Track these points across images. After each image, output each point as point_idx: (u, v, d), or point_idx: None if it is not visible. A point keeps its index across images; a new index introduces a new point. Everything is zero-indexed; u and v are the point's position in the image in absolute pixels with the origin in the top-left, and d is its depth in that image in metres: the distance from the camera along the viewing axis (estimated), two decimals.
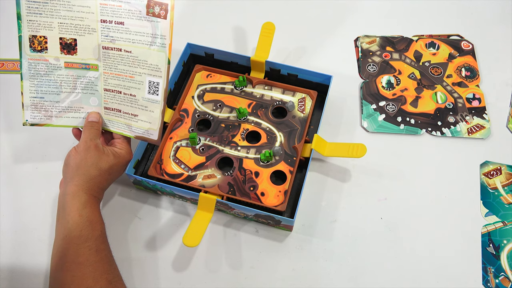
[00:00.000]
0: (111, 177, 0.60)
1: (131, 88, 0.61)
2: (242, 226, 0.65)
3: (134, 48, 0.59)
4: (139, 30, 0.59)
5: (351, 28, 0.83)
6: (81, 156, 0.58)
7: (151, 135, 0.63)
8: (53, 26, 0.59)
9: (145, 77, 0.60)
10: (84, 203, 0.55)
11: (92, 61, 0.61)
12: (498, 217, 0.65)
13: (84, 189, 0.56)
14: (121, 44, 0.59)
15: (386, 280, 0.61)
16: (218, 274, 0.61)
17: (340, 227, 0.65)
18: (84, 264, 0.52)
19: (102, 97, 0.62)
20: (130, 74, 0.60)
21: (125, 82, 0.61)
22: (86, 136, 0.60)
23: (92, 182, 0.57)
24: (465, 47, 0.81)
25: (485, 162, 0.70)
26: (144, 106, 0.61)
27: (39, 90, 0.61)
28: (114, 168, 0.60)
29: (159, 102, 0.61)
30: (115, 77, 0.61)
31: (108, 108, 0.62)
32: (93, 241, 0.54)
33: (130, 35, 0.59)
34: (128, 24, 0.59)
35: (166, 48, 0.59)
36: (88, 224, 0.54)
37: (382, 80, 0.77)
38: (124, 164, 0.62)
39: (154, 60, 0.60)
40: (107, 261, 0.55)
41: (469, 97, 0.75)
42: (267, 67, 0.72)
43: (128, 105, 0.62)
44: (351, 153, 0.64)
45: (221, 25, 0.84)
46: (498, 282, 0.61)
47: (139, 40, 0.59)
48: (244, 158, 0.65)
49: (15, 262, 0.62)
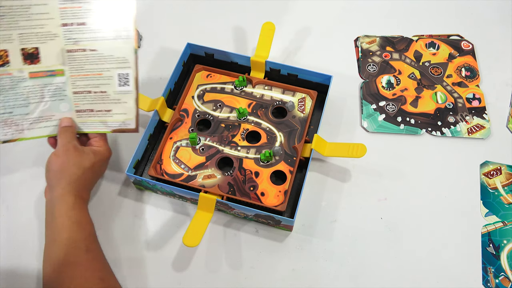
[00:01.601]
0: (94, 175, 0.61)
1: (101, 85, 0.61)
2: (242, 226, 0.65)
3: (99, 45, 0.59)
4: (101, 27, 0.58)
5: (351, 28, 0.83)
6: (62, 159, 0.58)
7: (128, 125, 0.63)
8: (13, 38, 0.58)
9: (114, 71, 0.60)
10: (72, 205, 0.56)
11: (58, 67, 0.60)
12: (498, 217, 0.65)
13: (70, 191, 0.56)
14: (85, 44, 0.59)
15: (386, 280, 0.61)
16: (218, 274, 0.61)
17: (340, 227, 0.65)
18: (75, 265, 0.53)
19: (72, 101, 0.61)
20: (98, 72, 0.60)
21: (93, 80, 0.60)
22: (63, 140, 0.60)
23: (78, 183, 0.57)
24: (465, 47, 0.81)
25: (485, 162, 0.70)
26: (116, 100, 0.61)
27: (7, 106, 0.60)
28: (96, 165, 0.60)
29: (132, 92, 0.61)
30: (83, 78, 0.60)
31: (80, 110, 0.62)
32: (83, 241, 0.54)
33: (93, 34, 0.59)
34: (90, 23, 0.58)
35: (131, 39, 0.59)
36: (76, 226, 0.55)
37: (382, 80, 0.77)
38: (105, 160, 0.62)
39: (121, 53, 0.59)
40: (98, 260, 0.55)
41: (469, 97, 0.75)
42: (267, 67, 0.72)
43: (100, 103, 0.61)
44: (351, 153, 0.64)
45: (221, 25, 0.84)
46: (498, 282, 0.61)
47: (103, 36, 0.59)
48: (244, 158, 0.65)
49: (7, 263, 0.62)
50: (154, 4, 0.86)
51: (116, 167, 0.69)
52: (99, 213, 0.65)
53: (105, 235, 0.64)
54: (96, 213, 0.65)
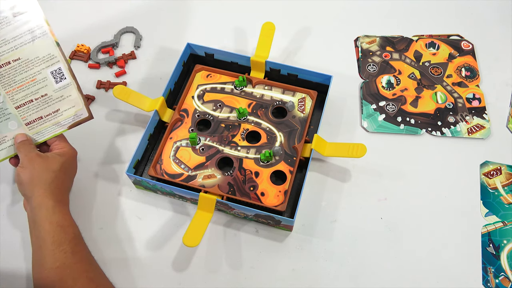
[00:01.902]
0: (66, 176, 0.61)
1: (39, 90, 0.60)
2: (242, 226, 0.65)
3: (20, 52, 0.58)
4: (14, 34, 0.58)
5: (351, 28, 0.83)
6: (29, 169, 0.57)
7: (81, 115, 0.63)
8: None
9: (45, 71, 0.60)
10: (52, 210, 0.56)
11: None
12: (498, 217, 0.65)
13: (48, 196, 0.56)
14: (6, 57, 0.58)
15: (386, 280, 0.61)
16: (218, 274, 0.61)
17: (340, 227, 0.65)
18: (62, 268, 0.53)
19: (19, 116, 0.60)
20: (31, 78, 0.60)
21: (30, 88, 0.60)
22: (24, 152, 0.59)
23: (53, 186, 0.57)
24: (465, 47, 0.81)
25: (485, 162, 0.70)
26: (60, 97, 0.61)
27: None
28: (65, 166, 0.60)
29: (70, 83, 0.61)
30: (19, 90, 0.60)
31: (29, 122, 0.61)
32: (67, 244, 0.54)
33: (10, 44, 0.58)
34: (2, 34, 0.57)
35: (47, 34, 0.59)
36: (59, 230, 0.55)
37: (382, 80, 0.77)
38: (72, 159, 0.62)
39: (44, 51, 0.59)
40: (86, 261, 0.55)
41: (469, 97, 0.75)
42: (267, 67, 0.72)
43: (46, 107, 0.61)
44: (351, 153, 0.64)
45: (221, 25, 0.84)
46: (498, 282, 0.61)
47: (20, 43, 0.58)
48: (244, 158, 0.65)
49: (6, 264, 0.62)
50: (154, 4, 0.86)
51: (116, 167, 0.69)
52: (99, 213, 0.65)
53: (105, 235, 0.64)
54: (96, 213, 0.65)
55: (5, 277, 0.61)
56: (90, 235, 0.63)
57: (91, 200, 0.66)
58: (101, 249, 0.62)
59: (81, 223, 0.62)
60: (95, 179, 0.68)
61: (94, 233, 0.64)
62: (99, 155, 0.70)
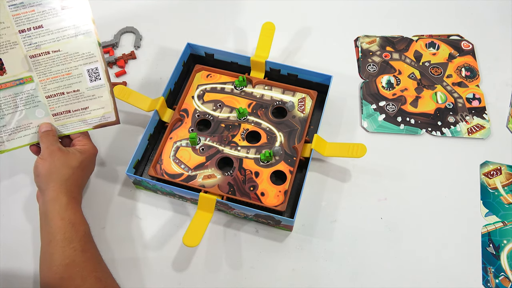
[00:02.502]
0: (84, 173, 0.61)
1: (73, 85, 0.60)
2: (242, 226, 0.65)
3: (61, 45, 0.59)
4: (59, 26, 0.58)
5: (351, 28, 0.83)
6: (48, 162, 0.57)
7: (108, 118, 0.63)
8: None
9: (82, 68, 0.60)
10: (65, 206, 0.56)
11: (25, 74, 0.59)
12: (498, 217, 0.65)
13: (63, 192, 0.56)
14: (47, 46, 0.58)
15: (386, 280, 0.61)
16: (218, 274, 0.61)
17: (340, 227, 0.65)
18: (71, 265, 0.53)
19: (47, 106, 0.61)
20: (67, 72, 0.60)
21: (64, 81, 0.60)
22: (46, 144, 0.59)
23: (69, 183, 0.57)
24: (465, 47, 0.81)
25: (485, 162, 0.70)
26: (91, 96, 0.61)
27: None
28: (84, 163, 0.60)
29: (104, 85, 0.61)
30: (52, 81, 0.60)
31: (57, 113, 0.61)
32: (78, 242, 0.54)
33: (53, 35, 0.58)
34: (47, 24, 0.58)
35: (92, 32, 0.59)
36: (71, 227, 0.55)
37: (382, 80, 0.77)
38: (92, 158, 0.62)
39: (85, 49, 0.59)
40: (95, 260, 0.55)
41: (469, 97, 0.75)
42: (267, 67, 0.72)
43: (75, 102, 0.61)
44: (351, 153, 0.64)
45: (221, 25, 0.84)
46: (498, 282, 0.61)
47: (63, 36, 0.58)
48: (244, 158, 0.65)
49: (6, 264, 0.62)
50: (154, 4, 0.86)
51: (116, 167, 0.69)
52: (99, 213, 0.65)
53: (105, 235, 0.64)
54: (96, 213, 0.65)
55: (5, 277, 0.61)
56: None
57: (91, 200, 0.66)
58: (101, 249, 0.62)
59: None
60: (95, 179, 0.68)
61: (94, 233, 0.63)
62: (99, 155, 0.70)
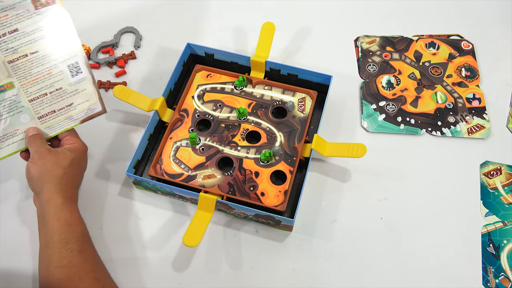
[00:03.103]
0: (77, 171, 0.61)
1: (55, 83, 0.60)
2: (242, 226, 0.65)
3: (38, 46, 0.58)
4: (35, 27, 0.57)
5: (351, 28, 0.83)
6: (39, 165, 0.57)
7: (94, 109, 0.63)
8: None
9: (62, 65, 0.59)
10: (61, 207, 0.56)
11: (4, 81, 0.58)
12: (498, 217, 0.65)
13: (57, 192, 0.56)
14: (24, 49, 0.58)
15: (386, 280, 0.61)
16: (218, 274, 0.61)
17: (340, 227, 0.65)
18: (68, 266, 0.53)
19: (31, 109, 0.60)
20: (47, 71, 0.59)
21: (45, 82, 0.60)
22: (34, 147, 0.59)
23: (63, 182, 0.57)
24: (465, 47, 0.81)
25: (485, 162, 0.70)
26: (74, 91, 0.61)
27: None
28: (75, 162, 0.60)
29: (87, 77, 0.61)
30: (34, 83, 0.59)
31: (42, 116, 0.61)
32: (74, 242, 0.54)
33: (29, 37, 0.58)
34: (22, 27, 0.57)
35: (68, 26, 0.59)
36: (67, 228, 0.55)
37: (382, 80, 0.77)
38: (83, 155, 0.62)
39: (63, 44, 0.59)
40: (92, 261, 0.55)
41: (469, 97, 0.75)
42: (267, 67, 0.72)
43: (60, 101, 0.61)
44: (351, 153, 0.64)
45: (221, 25, 0.84)
46: (498, 282, 0.61)
47: (40, 36, 0.58)
48: (244, 158, 0.65)
49: (5, 264, 0.62)
50: (154, 4, 0.86)
51: (116, 167, 0.69)
52: (99, 213, 0.65)
53: (105, 235, 0.64)
54: (96, 213, 0.65)
55: (5, 277, 0.61)
56: (90, 235, 0.63)
57: (91, 200, 0.66)
58: (100, 249, 0.62)
59: None
60: (95, 179, 0.68)
61: (94, 233, 0.63)
62: (99, 155, 0.70)
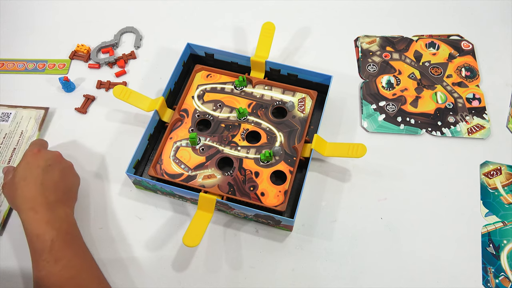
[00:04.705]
0: (47, 176, 0.59)
1: None
2: (242, 226, 0.65)
3: None
4: None
5: (351, 28, 0.83)
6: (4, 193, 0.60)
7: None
8: None
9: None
10: (23, 221, 0.56)
11: None
12: (498, 217, 0.65)
13: (25, 207, 0.56)
14: None
15: (386, 280, 0.61)
16: (218, 274, 0.61)
17: (340, 227, 0.65)
18: (48, 276, 0.53)
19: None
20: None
21: None
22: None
23: (28, 195, 0.57)
24: (465, 47, 0.81)
25: (485, 162, 0.70)
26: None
27: None
28: (21, 174, 0.59)
29: None
30: None
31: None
32: (48, 253, 0.53)
33: None
34: None
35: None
36: (35, 239, 0.54)
37: (382, 80, 0.77)
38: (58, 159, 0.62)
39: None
40: (71, 266, 0.54)
41: (469, 97, 0.75)
42: (267, 67, 0.72)
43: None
44: (351, 153, 0.64)
45: (221, 25, 0.84)
46: (498, 282, 0.61)
47: None
48: (244, 158, 0.65)
49: (5, 264, 0.62)
50: (154, 4, 0.86)
51: (116, 167, 0.69)
52: (99, 213, 0.65)
53: (105, 235, 0.64)
54: (96, 213, 0.65)
55: (5, 277, 0.61)
56: (90, 235, 0.63)
57: (91, 200, 0.66)
58: (100, 249, 0.62)
59: (80, 223, 0.62)
60: (95, 179, 0.68)
61: (93, 233, 0.64)
62: (99, 155, 0.70)
